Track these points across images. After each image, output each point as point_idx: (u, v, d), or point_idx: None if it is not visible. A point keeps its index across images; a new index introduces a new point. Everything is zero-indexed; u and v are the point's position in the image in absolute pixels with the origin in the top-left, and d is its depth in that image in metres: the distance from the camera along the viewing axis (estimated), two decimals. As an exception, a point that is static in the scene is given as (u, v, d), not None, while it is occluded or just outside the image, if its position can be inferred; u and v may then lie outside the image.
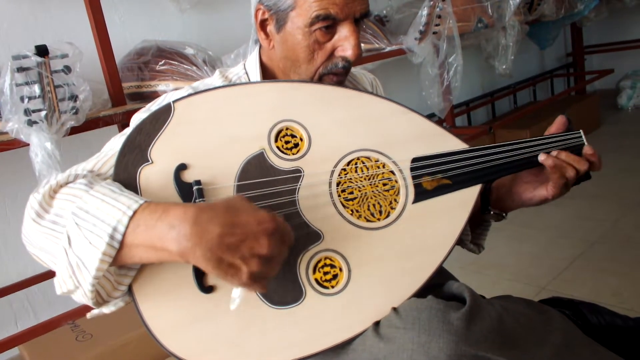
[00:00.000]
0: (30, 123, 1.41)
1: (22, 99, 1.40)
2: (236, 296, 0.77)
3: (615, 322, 1.06)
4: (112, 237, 0.70)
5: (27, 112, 1.40)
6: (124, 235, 0.70)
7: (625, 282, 2.00)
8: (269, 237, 0.70)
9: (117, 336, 1.71)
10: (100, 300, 0.77)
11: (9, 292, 1.86)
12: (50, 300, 2.01)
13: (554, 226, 2.60)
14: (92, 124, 1.58)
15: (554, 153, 0.99)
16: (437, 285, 0.92)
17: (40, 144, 1.43)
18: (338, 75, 0.96)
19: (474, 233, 1.13)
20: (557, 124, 1.05)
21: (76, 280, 0.72)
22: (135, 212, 0.71)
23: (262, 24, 0.97)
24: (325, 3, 0.89)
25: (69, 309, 1.64)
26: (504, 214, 1.10)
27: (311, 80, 0.97)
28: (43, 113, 1.41)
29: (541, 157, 0.99)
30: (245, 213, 0.71)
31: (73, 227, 0.71)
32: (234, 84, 0.92)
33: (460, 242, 1.12)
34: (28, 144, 1.44)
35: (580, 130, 1.05)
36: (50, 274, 1.86)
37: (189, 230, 0.68)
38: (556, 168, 0.98)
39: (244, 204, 0.73)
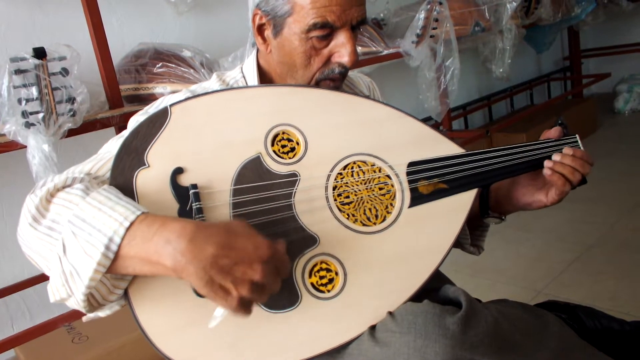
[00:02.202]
0: (28, 125, 1.40)
1: (19, 101, 1.40)
2: (219, 315, 0.74)
3: (611, 326, 1.07)
4: (107, 247, 0.69)
5: (24, 114, 1.40)
6: (119, 246, 0.70)
7: (622, 286, 2.01)
8: (263, 264, 0.69)
9: (113, 339, 1.70)
10: (95, 304, 0.77)
11: (5, 294, 1.85)
12: (46, 302, 2.00)
13: (550, 229, 2.60)
14: (89, 126, 1.58)
15: (557, 157, 0.99)
16: (433, 289, 0.92)
17: (37, 146, 1.43)
18: (335, 81, 0.96)
19: (472, 235, 1.13)
20: (555, 130, 1.06)
21: (69, 289, 0.72)
22: (132, 224, 0.70)
23: (260, 29, 0.97)
24: (323, 10, 0.89)
25: (65, 311, 1.64)
26: (503, 217, 1.10)
27: (308, 85, 0.97)
28: (40, 115, 1.41)
29: (547, 166, 0.99)
30: (244, 237, 0.71)
31: (69, 235, 0.71)
32: (231, 88, 0.92)
33: (459, 245, 1.12)
34: (25, 146, 1.44)
35: (576, 135, 1.06)
36: (46, 277, 1.84)
37: (185, 247, 0.68)
38: (560, 175, 0.98)
39: (244, 229, 0.72)
